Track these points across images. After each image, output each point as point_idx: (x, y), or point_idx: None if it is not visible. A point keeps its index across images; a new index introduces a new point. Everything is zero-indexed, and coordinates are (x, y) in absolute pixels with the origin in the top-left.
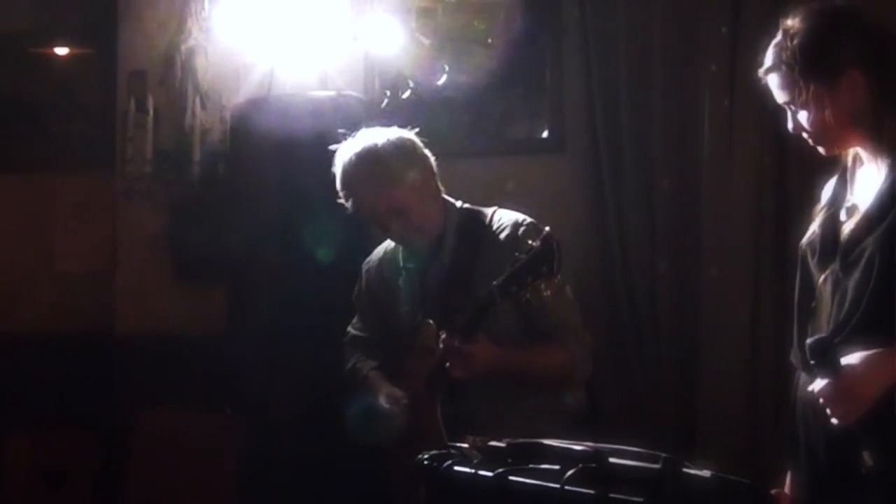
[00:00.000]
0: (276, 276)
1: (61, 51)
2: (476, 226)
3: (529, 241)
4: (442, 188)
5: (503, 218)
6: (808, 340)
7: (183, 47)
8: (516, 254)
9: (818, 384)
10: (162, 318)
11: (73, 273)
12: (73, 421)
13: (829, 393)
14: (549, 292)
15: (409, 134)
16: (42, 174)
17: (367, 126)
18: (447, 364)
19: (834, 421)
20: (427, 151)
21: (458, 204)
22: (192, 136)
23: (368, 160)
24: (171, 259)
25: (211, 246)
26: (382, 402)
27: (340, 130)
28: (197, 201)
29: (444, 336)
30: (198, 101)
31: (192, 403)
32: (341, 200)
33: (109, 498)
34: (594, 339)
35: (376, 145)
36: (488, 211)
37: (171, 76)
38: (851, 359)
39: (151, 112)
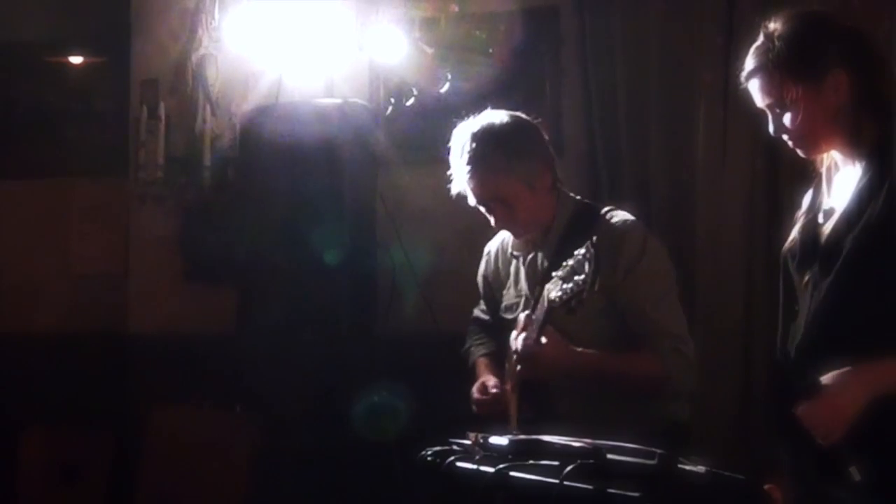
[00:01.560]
0: (283, 278)
1: (76, 60)
2: (587, 220)
3: (622, 252)
4: (560, 180)
5: (615, 216)
6: (789, 359)
7: (194, 56)
8: (566, 262)
9: (800, 407)
10: (173, 317)
11: (87, 274)
12: (88, 417)
13: (811, 415)
14: (638, 296)
15: (531, 122)
16: (58, 179)
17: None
18: (516, 363)
19: (818, 441)
20: (545, 142)
21: (576, 197)
22: (203, 142)
23: (481, 139)
24: (183, 261)
25: (221, 248)
26: (475, 391)
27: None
28: (207, 205)
29: (513, 334)
30: (208, 108)
31: (202, 400)
32: (449, 176)
33: (123, 492)
34: None
35: (493, 125)
36: (604, 208)
37: (182, 84)
38: (829, 377)
39: (163, 119)
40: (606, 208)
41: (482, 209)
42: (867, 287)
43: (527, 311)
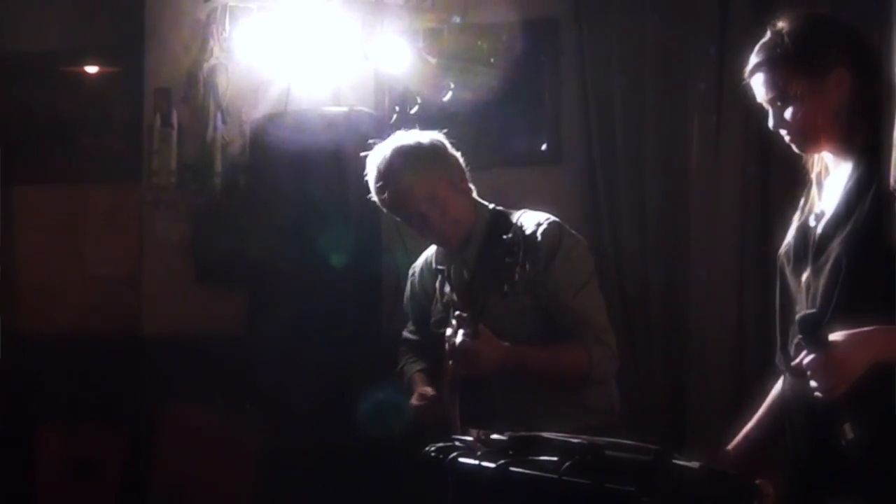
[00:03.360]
0: (292, 280)
1: (91, 70)
2: (504, 224)
3: (539, 250)
4: (472, 188)
5: (528, 219)
6: (798, 315)
7: (205, 66)
8: (493, 251)
9: (807, 358)
10: (185, 318)
11: (103, 277)
12: (103, 414)
13: (818, 366)
14: (560, 289)
15: (440, 136)
16: (74, 185)
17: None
18: (450, 362)
19: (818, 395)
20: (458, 153)
21: (489, 206)
22: (214, 149)
23: (406, 154)
24: (195, 264)
25: (231, 251)
26: (413, 400)
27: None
28: (218, 210)
29: (447, 333)
30: (219, 116)
31: (213, 399)
32: (375, 199)
33: (136, 487)
34: None
35: (407, 143)
36: (517, 213)
37: (194, 93)
38: (838, 335)
39: (176, 127)
40: (520, 211)
41: (413, 222)
42: (857, 288)
43: (458, 312)
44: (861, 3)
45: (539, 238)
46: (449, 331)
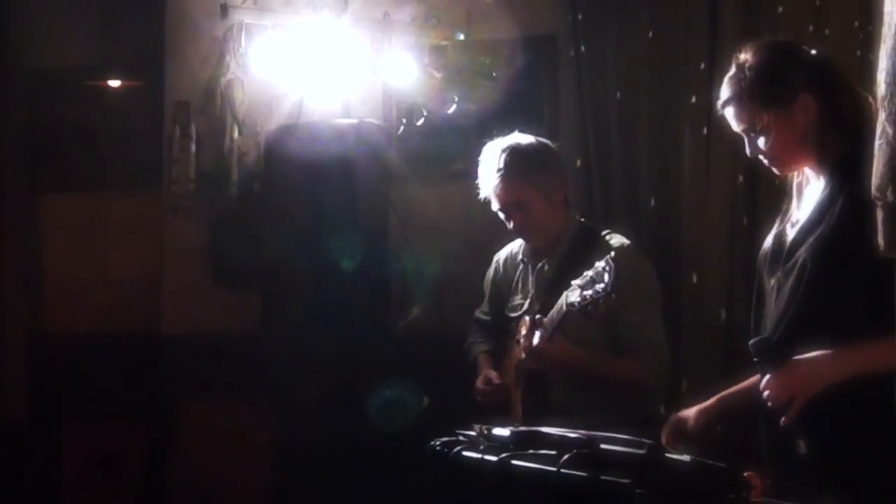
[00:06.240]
0: (304, 282)
1: (115, 83)
2: (589, 239)
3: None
4: (570, 201)
5: (613, 239)
6: (751, 341)
7: (222, 80)
8: (585, 273)
9: (763, 380)
10: (203, 319)
11: (124, 280)
12: (125, 411)
13: (772, 386)
14: (629, 310)
15: (552, 146)
16: (97, 193)
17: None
18: (524, 357)
19: (774, 413)
20: (563, 164)
21: (580, 219)
22: (231, 159)
23: (510, 153)
24: (212, 267)
25: (247, 255)
26: (479, 383)
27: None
28: (235, 216)
29: (524, 332)
30: (235, 127)
31: (230, 396)
32: (477, 183)
33: (157, 481)
34: None
35: (520, 143)
36: (604, 230)
37: (211, 106)
38: (796, 359)
39: (194, 137)
40: (606, 231)
41: (502, 215)
42: (822, 292)
43: (538, 315)
44: (838, 21)
45: (619, 261)
46: (524, 329)
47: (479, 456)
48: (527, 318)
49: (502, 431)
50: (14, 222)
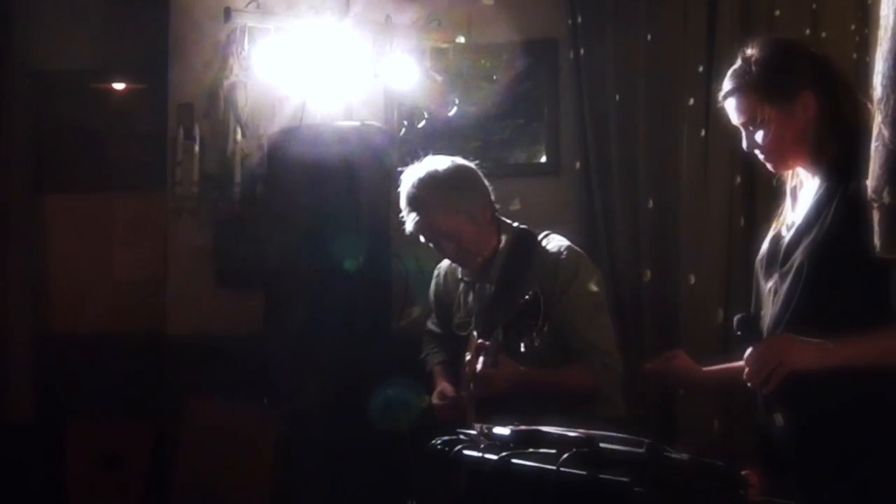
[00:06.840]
0: (307, 283)
1: (119, 86)
2: (526, 246)
3: (557, 276)
4: (498, 210)
5: (551, 242)
6: (735, 317)
7: (225, 83)
8: (519, 300)
9: (748, 352)
10: (207, 319)
11: (129, 280)
12: (130, 410)
13: (751, 358)
14: (573, 316)
15: (470, 164)
16: (102, 194)
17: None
18: (471, 384)
19: (750, 385)
20: (485, 180)
21: (514, 224)
22: (234, 161)
23: (430, 185)
24: (215, 268)
25: (250, 256)
26: (434, 399)
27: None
28: (238, 218)
29: (468, 359)
30: (238, 130)
31: (233, 395)
32: (402, 218)
33: (161, 479)
34: None
35: (438, 171)
36: (540, 234)
37: (215, 108)
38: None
39: (198, 140)
40: (542, 234)
41: (432, 245)
42: (818, 293)
43: (479, 340)
44: (835, 24)
45: (558, 267)
46: (468, 355)
47: (480, 454)
48: (474, 335)
49: (503, 430)
50: (19, 224)
